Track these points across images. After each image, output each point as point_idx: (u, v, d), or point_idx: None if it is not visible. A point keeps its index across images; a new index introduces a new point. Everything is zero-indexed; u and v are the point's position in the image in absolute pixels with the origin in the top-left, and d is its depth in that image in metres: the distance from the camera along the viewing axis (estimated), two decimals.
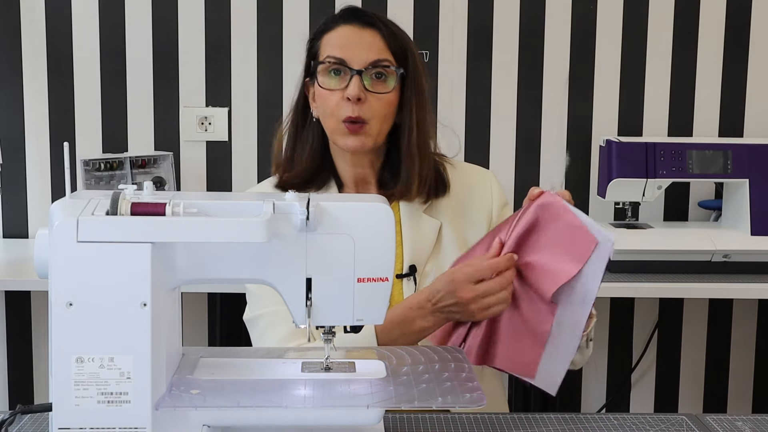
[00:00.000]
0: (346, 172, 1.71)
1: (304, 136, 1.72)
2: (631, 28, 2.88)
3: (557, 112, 2.90)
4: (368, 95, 1.62)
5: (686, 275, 2.49)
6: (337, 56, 1.63)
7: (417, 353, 1.34)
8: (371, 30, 1.65)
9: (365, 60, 1.62)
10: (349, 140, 1.64)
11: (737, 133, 2.92)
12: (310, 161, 1.70)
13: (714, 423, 1.38)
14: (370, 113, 1.63)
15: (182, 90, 2.85)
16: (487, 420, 1.38)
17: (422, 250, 1.68)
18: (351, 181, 1.72)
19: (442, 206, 1.72)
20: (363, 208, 1.21)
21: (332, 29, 1.67)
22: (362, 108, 1.62)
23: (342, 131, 1.64)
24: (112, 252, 1.11)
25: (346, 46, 1.64)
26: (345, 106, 1.62)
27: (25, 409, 1.22)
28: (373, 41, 1.64)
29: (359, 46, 1.63)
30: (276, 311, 1.61)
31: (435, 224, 1.70)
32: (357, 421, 1.19)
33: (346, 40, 1.65)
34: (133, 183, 1.52)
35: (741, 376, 3.05)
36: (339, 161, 1.71)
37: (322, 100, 1.66)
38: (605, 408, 3.03)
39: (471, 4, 2.85)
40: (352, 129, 1.62)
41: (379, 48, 1.64)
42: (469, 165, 1.84)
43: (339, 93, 1.63)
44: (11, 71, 2.81)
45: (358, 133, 1.63)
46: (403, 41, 1.68)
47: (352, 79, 1.62)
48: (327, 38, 1.67)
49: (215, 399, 1.17)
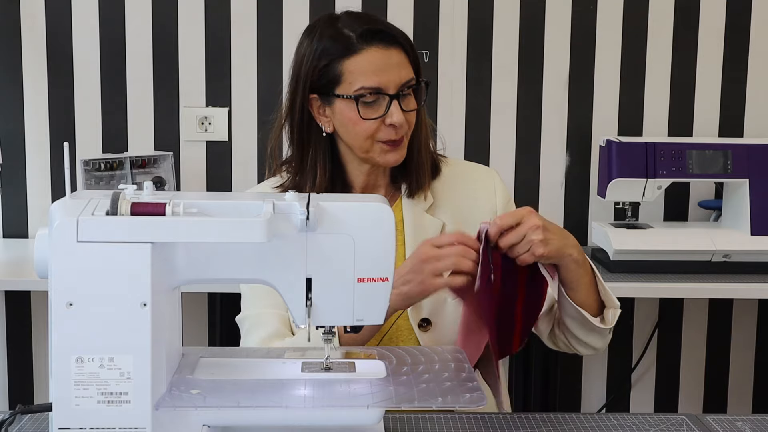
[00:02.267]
0: (357, 179, 1.70)
1: (312, 152, 1.67)
2: (631, 28, 2.88)
3: (557, 112, 2.90)
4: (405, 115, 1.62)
5: (686, 275, 2.49)
6: (373, 86, 1.59)
7: (417, 353, 1.34)
8: (395, 49, 1.61)
9: (398, 82, 1.60)
10: (389, 156, 1.64)
11: (737, 133, 2.92)
12: (325, 176, 1.67)
13: (714, 423, 1.38)
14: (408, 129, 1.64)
15: (182, 90, 2.85)
16: (487, 420, 1.38)
17: None
18: (360, 187, 1.71)
19: (445, 205, 1.72)
20: (363, 208, 1.21)
21: (356, 53, 1.59)
22: (401, 129, 1.62)
23: (380, 150, 1.63)
24: (112, 252, 1.11)
25: (379, 72, 1.59)
26: (385, 131, 1.61)
27: (25, 409, 1.22)
28: (400, 60, 1.61)
29: (390, 70, 1.60)
30: (259, 314, 1.63)
31: (437, 224, 1.69)
32: (357, 421, 1.19)
33: (377, 66, 1.59)
34: (133, 183, 1.52)
35: (741, 376, 3.05)
36: (352, 169, 1.70)
37: (356, 126, 1.61)
38: (605, 408, 3.03)
39: (471, 4, 2.85)
40: (392, 146, 1.63)
41: (406, 67, 1.62)
42: (472, 163, 1.84)
43: (378, 120, 1.61)
44: (11, 71, 2.81)
45: (397, 147, 1.63)
46: (413, 46, 1.66)
47: (391, 105, 1.59)
48: (353, 64, 1.59)
49: (215, 399, 1.17)
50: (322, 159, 1.67)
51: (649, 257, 2.51)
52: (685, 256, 2.51)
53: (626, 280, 2.45)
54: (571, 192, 2.94)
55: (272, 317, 1.62)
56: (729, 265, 2.51)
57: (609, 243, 2.52)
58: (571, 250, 1.51)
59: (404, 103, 1.61)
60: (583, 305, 1.56)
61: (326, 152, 1.67)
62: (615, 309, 1.60)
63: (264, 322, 1.62)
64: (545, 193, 2.93)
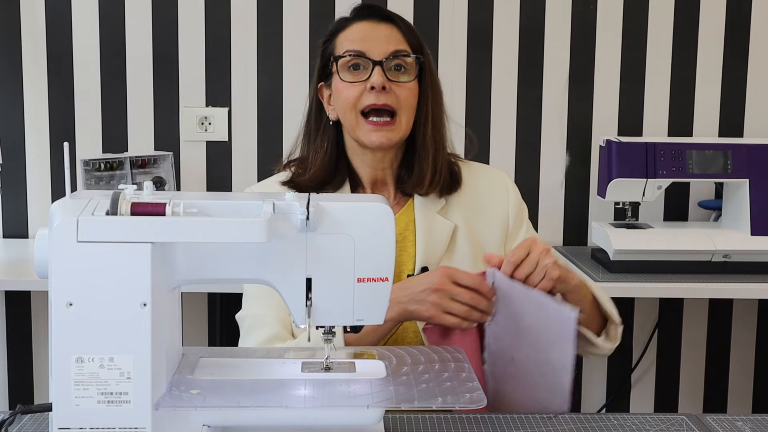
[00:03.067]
0: (364, 173, 1.70)
1: (318, 141, 1.69)
2: (631, 28, 2.88)
3: (557, 112, 2.90)
4: (391, 85, 1.61)
5: (686, 275, 2.49)
6: (356, 49, 1.62)
7: (417, 353, 1.34)
8: (387, 24, 1.66)
9: (385, 51, 1.62)
10: (374, 136, 1.62)
11: (737, 133, 2.92)
12: (324, 163, 1.67)
13: (714, 423, 1.38)
14: (397, 102, 1.62)
15: (182, 90, 2.85)
16: (487, 420, 1.38)
17: (435, 252, 1.67)
18: (368, 182, 1.71)
19: (457, 207, 1.71)
20: (363, 208, 1.21)
21: (347, 27, 1.67)
22: (388, 97, 1.61)
23: (367, 129, 1.62)
24: (112, 252, 1.11)
25: (365, 39, 1.63)
26: (367, 96, 1.61)
27: (25, 409, 1.22)
28: (391, 33, 1.64)
29: (377, 39, 1.63)
30: (260, 314, 1.63)
31: (449, 226, 1.68)
32: (357, 421, 1.19)
33: (364, 34, 1.64)
34: (133, 183, 1.53)
35: (741, 376, 3.05)
36: (357, 162, 1.70)
37: (341, 95, 1.64)
38: (605, 408, 3.03)
39: (471, 4, 2.85)
40: (377, 124, 1.62)
41: (396, 39, 1.64)
42: (483, 165, 1.83)
43: (360, 85, 1.62)
44: (11, 71, 2.81)
45: (383, 128, 1.62)
46: (417, 32, 1.69)
47: (373, 69, 1.61)
48: (343, 36, 1.66)
49: (215, 399, 1.17)
50: (327, 146, 1.68)
51: (649, 257, 2.51)
52: (685, 256, 2.51)
53: (626, 280, 2.45)
54: (571, 192, 2.94)
55: (273, 319, 1.62)
56: (729, 265, 2.51)
57: (609, 243, 2.52)
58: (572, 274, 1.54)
59: (392, 74, 1.62)
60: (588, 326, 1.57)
61: (332, 141, 1.68)
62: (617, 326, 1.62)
63: (265, 323, 1.62)
64: (545, 193, 2.93)
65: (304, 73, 2.83)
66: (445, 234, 1.68)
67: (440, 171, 1.68)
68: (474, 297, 1.46)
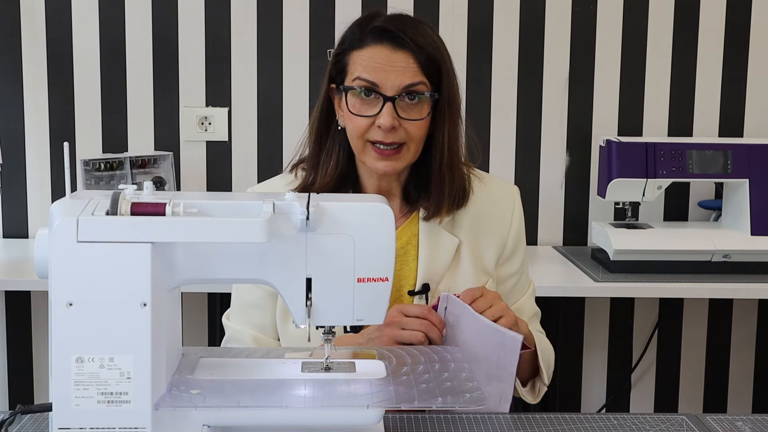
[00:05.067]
0: (370, 185, 1.65)
1: (329, 145, 1.64)
2: (631, 28, 2.88)
3: (557, 112, 2.90)
4: (402, 122, 1.55)
5: (686, 275, 2.49)
6: (369, 79, 1.54)
7: (417, 353, 1.34)
8: (404, 52, 1.54)
9: (398, 85, 1.53)
10: (379, 164, 1.57)
11: (737, 133, 2.92)
12: (335, 171, 1.63)
13: (714, 423, 1.38)
14: (406, 137, 1.56)
15: (182, 90, 2.85)
16: (487, 420, 1.38)
17: (437, 269, 1.63)
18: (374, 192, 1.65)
19: (463, 221, 1.67)
20: (363, 208, 1.21)
21: (362, 47, 1.57)
22: (396, 134, 1.55)
23: (372, 155, 1.57)
24: (112, 252, 1.11)
25: (378, 69, 1.54)
26: (376, 131, 1.55)
27: (25, 409, 1.22)
28: (407, 65, 1.54)
29: (392, 69, 1.53)
30: (238, 330, 1.67)
31: (454, 242, 1.64)
32: (357, 421, 1.19)
33: (378, 62, 1.54)
34: (133, 183, 1.52)
35: (741, 376, 3.05)
36: (364, 173, 1.65)
37: (349, 122, 1.58)
38: (605, 408, 3.03)
39: (471, 4, 2.85)
40: (384, 153, 1.56)
41: (412, 71, 1.54)
42: (496, 178, 1.76)
43: (370, 119, 1.55)
44: (11, 71, 2.81)
45: (390, 157, 1.57)
46: (437, 59, 1.57)
47: (384, 106, 1.53)
48: (356, 56, 1.56)
49: (215, 399, 1.17)
50: (337, 153, 1.63)
51: (649, 257, 2.51)
52: (685, 256, 2.51)
53: (626, 280, 2.45)
54: (571, 192, 2.94)
55: (248, 338, 1.65)
56: (729, 265, 2.51)
57: (609, 243, 2.52)
58: (523, 323, 1.56)
59: (403, 109, 1.55)
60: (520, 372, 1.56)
61: (341, 148, 1.63)
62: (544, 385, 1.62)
63: (240, 340, 1.66)
64: (545, 193, 2.93)
65: (304, 73, 2.83)
66: (449, 250, 1.63)
67: (456, 195, 1.64)
68: (423, 323, 1.46)
